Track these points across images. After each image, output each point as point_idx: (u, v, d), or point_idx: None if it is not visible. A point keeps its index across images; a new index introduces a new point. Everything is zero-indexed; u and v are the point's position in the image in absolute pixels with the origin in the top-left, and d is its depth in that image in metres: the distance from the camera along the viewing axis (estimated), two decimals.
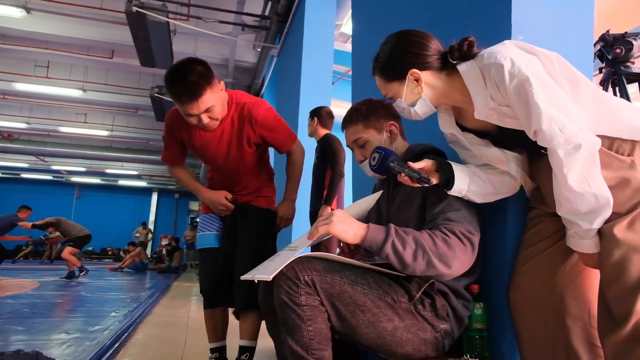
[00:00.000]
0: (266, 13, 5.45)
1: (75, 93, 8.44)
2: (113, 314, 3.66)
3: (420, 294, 1.10)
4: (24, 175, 16.67)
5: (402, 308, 1.08)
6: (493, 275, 1.21)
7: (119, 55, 7.07)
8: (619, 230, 0.92)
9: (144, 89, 8.26)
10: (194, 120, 1.58)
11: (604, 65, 2.92)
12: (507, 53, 0.95)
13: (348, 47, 5.35)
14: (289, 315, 1.01)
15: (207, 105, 1.54)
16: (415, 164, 1.09)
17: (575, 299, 1.03)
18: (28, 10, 5.72)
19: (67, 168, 15.18)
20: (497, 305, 1.18)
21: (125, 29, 5.14)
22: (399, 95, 1.09)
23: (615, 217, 0.94)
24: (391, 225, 1.03)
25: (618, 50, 2.80)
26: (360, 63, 2.42)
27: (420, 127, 1.35)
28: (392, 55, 1.09)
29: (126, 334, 2.84)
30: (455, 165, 1.10)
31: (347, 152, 2.11)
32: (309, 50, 4.15)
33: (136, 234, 13.11)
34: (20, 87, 8.21)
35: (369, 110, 1.32)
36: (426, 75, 1.06)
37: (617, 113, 1.01)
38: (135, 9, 4.41)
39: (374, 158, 1.18)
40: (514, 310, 1.12)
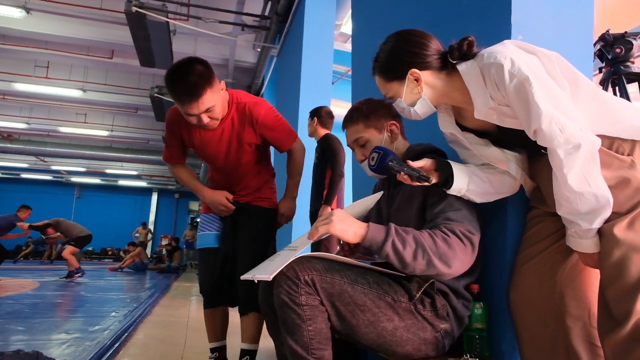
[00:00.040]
0: (266, 13, 5.45)
1: (75, 93, 8.44)
2: (113, 314, 3.66)
3: (420, 293, 1.10)
4: (24, 176, 16.68)
5: (402, 308, 1.08)
6: (493, 275, 1.21)
7: (118, 55, 7.07)
8: (619, 230, 0.92)
9: (144, 89, 8.26)
10: (194, 119, 1.58)
11: (603, 64, 2.93)
12: (507, 53, 0.95)
13: (348, 47, 5.35)
14: (289, 315, 1.01)
15: (207, 106, 1.53)
16: (414, 163, 1.09)
17: (575, 299, 1.03)
18: (28, 10, 5.72)
19: (67, 168, 15.18)
20: (497, 305, 1.18)
21: (125, 29, 5.14)
22: (399, 95, 1.09)
23: (615, 216, 0.94)
24: (391, 224, 1.03)
25: (618, 50, 2.81)
26: (360, 63, 2.42)
27: (420, 127, 1.35)
28: (392, 55, 1.09)
29: (126, 334, 2.83)
30: (454, 165, 1.10)
31: (347, 152, 2.11)
32: (308, 50, 4.15)
33: (136, 234, 13.11)
34: (20, 87, 8.22)
35: (370, 110, 1.32)
36: (426, 75, 1.06)
37: (617, 113, 1.01)
38: (135, 9, 4.41)
39: (373, 158, 1.18)
40: (514, 310, 1.12)
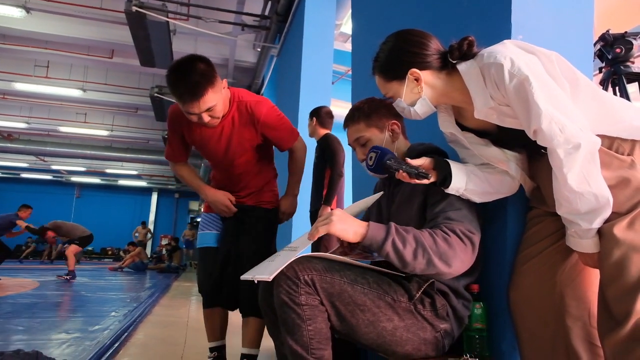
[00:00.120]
0: (266, 13, 5.45)
1: (75, 93, 8.44)
2: (113, 313, 3.66)
3: (420, 293, 1.10)
4: (24, 175, 16.67)
5: (402, 307, 1.08)
6: (493, 275, 1.21)
7: (118, 55, 7.07)
8: (619, 229, 0.92)
9: (144, 88, 8.26)
10: (195, 118, 1.57)
11: (603, 64, 2.92)
12: (507, 52, 0.95)
13: (348, 46, 5.35)
14: (289, 315, 1.01)
15: (209, 105, 1.52)
16: (412, 161, 1.09)
17: (575, 299, 1.03)
18: (28, 10, 5.72)
19: (67, 168, 15.18)
20: (497, 305, 1.18)
21: (125, 29, 5.13)
22: (399, 94, 1.09)
23: (615, 216, 0.94)
24: (391, 223, 1.03)
25: (618, 50, 2.81)
26: (360, 63, 2.41)
27: (420, 127, 1.35)
28: (391, 55, 1.09)
29: (126, 333, 2.83)
30: (452, 164, 1.10)
31: (347, 151, 2.11)
32: (308, 50, 4.15)
33: (135, 234, 13.11)
34: (20, 87, 8.21)
35: (371, 109, 1.32)
36: (426, 75, 1.06)
37: (617, 113, 1.01)
38: (135, 8, 4.40)
39: (371, 158, 1.18)
40: (514, 310, 1.12)
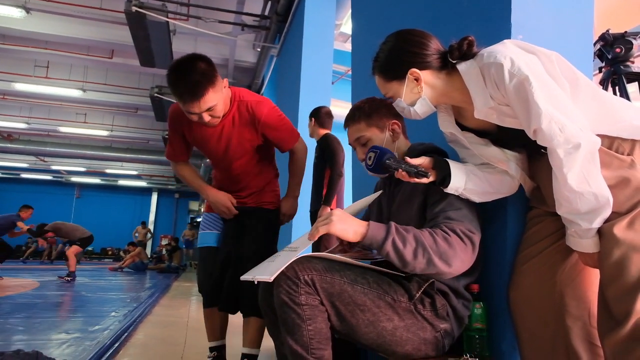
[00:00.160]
0: (266, 13, 5.45)
1: (75, 93, 8.44)
2: (113, 313, 3.66)
3: (420, 293, 1.10)
4: (24, 175, 16.67)
5: (402, 307, 1.08)
6: (493, 275, 1.21)
7: (118, 55, 7.07)
8: (619, 229, 0.92)
9: (144, 89, 8.26)
10: (195, 117, 1.56)
11: (603, 64, 2.92)
12: (507, 52, 0.95)
13: (348, 46, 5.35)
14: (289, 315, 1.01)
15: (209, 105, 1.52)
16: (412, 160, 1.09)
17: (575, 299, 1.03)
18: (28, 10, 5.72)
19: (67, 168, 15.18)
20: (497, 305, 1.18)
21: (125, 29, 5.14)
22: (399, 94, 1.09)
23: (615, 216, 0.94)
24: (392, 223, 1.03)
25: (618, 50, 2.80)
26: (360, 63, 2.41)
27: (420, 127, 1.35)
28: (391, 55, 1.09)
29: (126, 333, 2.84)
30: (452, 163, 1.10)
31: (347, 151, 2.11)
32: (308, 50, 4.15)
33: (135, 234, 13.10)
34: (20, 87, 8.21)
35: (372, 109, 1.32)
36: (426, 75, 1.06)
37: (617, 112, 1.01)
38: (134, 8, 4.40)
39: (370, 157, 1.18)
40: (514, 310, 1.12)
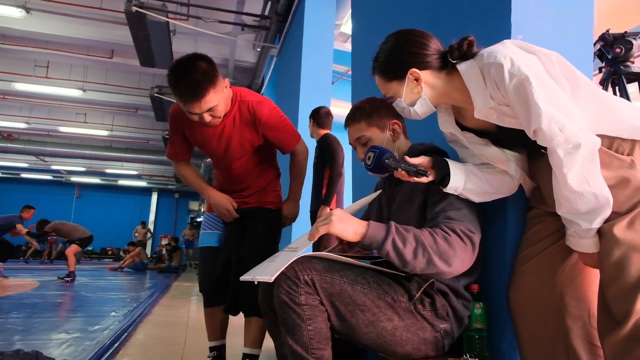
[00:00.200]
0: (266, 13, 5.45)
1: (75, 93, 8.44)
2: (113, 313, 3.66)
3: (420, 293, 1.10)
4: (24, 175, 16.67)
5: (401, 307, 1.08)
6: (493, 275, 1.21)
7: (118, 55, 7.07)
8: (619, 229, 0.92)
9: (144, 88, 8.26)
10: (196, 117, 1.56)
11: (603, 64, 2.93)
12: (507, 52, 0.95)
13: (348, 46, 5.35)
14: (288, 315, 1.01)
15: (210, 105, 1.51)
16: (411, 160, 1.09)
17: (575, 299, 1.03)
18: (28, 10, 5.72)
19: (67, 168, 15.17)
20: (497, 305, 1.18)
21: (125, 29, 5.14)
22: (399, 94, 1.09)
23: (615, 216, 0.94)
24: (392, 222, 1.03)
25: (618, 50, 2.81)
26: (360, 63, 2.41)
27: (420, 127, 1.35)
28: (391, 55, 1.09)
29: (126, 333, 2.83)
30: (451, 163, 1.10)
31: (347, 151, 2.10)
32: (308, 50, 4.15)
33: (135, 234, 13.10)
34: (20, 87, 8.22)
35: (372, 109, 1.32)
36: (426, 75, 1.06)
37: (617, 112, 1.01)
38: (135, 8, 4.41)
39: (369, 157, 1.17)
40: (513, 310, 1.12)
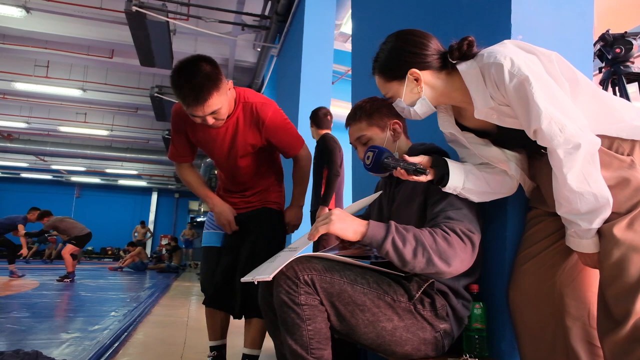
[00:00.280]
0: (266, 13, 5.45)
1: (75, 93, 8.45)
2: (113, 313, 3.66)
3: (419, 293, 1.10)
4: (24, 175, 16.66)
5: (401, 307, 1.08)
6: (493, 275, 1.21)
7: (118, 55, 7.07)
8: (619, 230, 0.92)
9: (144, 88, 8.27)
10: (199, 120, 1.54)
11: (603, 64, 2.93)
12: (507, 52, 0.95)
13: (348, 46, 5.36)
14: (288, 315, 1.01)
15: (213, 109, 1.49)
16: (410, 158, 1.09)
17: (574, 299, 1.03)
18: (28, 10, 5.72)
19: (67, 168, 15.17)
20: (497, 305, 1.18)
21: (125, 28, 5.14)
22: (399, 94, 1.09)
23: (615, 216, 0.94)
24: (392, 222, 1.03)
25: (618, 50, 2.81)
26: (360, 63, 2.41)
27: (420, 127, 1.35)
28: (391, 55, 1.09)
29: (126, 333, 2.83)
30: (450, 163, 1.10)
31: (348, 151, 2.10)
32: (308, 50, 4.15)
33: (135, 233, 13.09)
34: (20, 86, 8.23)
35: (373, 108, 1.32)
36: (426, 75, 1.06)
37: (617, 113, 1.01)
38: (135, 8, 4.41)
39: (368, 157, 1.17)
40: (513, 310, 1.12)
